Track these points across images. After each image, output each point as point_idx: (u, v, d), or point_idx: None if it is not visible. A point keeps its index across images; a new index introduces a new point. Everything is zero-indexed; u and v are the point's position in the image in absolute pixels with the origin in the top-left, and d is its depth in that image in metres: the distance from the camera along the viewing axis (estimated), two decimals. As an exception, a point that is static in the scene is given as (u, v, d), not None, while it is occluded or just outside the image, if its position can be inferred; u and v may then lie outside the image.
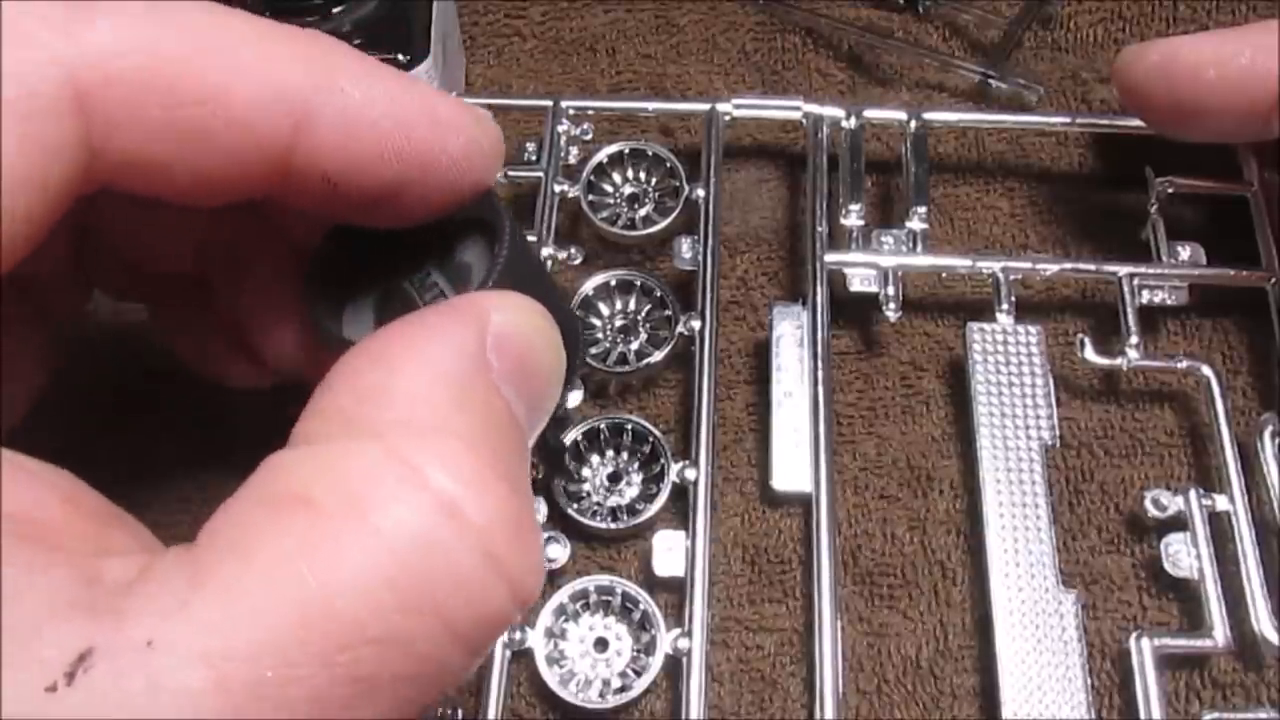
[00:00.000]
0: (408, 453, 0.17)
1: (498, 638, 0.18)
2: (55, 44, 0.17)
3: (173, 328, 0.27)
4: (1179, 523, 0.28)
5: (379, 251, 0.23)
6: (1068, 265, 0.32)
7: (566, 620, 0.28)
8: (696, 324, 0.31)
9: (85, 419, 0.31)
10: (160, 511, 0.29)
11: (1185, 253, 0.32)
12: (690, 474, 0.29)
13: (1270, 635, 0.27)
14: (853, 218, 0.33)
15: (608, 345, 0.32)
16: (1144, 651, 0.27)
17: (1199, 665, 0.28)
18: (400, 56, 0.31)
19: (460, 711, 0.27)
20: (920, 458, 0.31)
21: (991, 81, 0.36)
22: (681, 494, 0.29)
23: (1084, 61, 0.37)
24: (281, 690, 0.15)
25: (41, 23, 0.17)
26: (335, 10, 0.31)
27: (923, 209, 0.32)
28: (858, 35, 0.37)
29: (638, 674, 0.27)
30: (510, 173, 0.33)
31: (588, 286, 0.32)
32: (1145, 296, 0.31)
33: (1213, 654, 0.28)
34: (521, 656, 0.28)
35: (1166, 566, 0.28)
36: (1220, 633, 0.27)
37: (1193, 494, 0.29)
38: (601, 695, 0.27)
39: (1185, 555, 0.28)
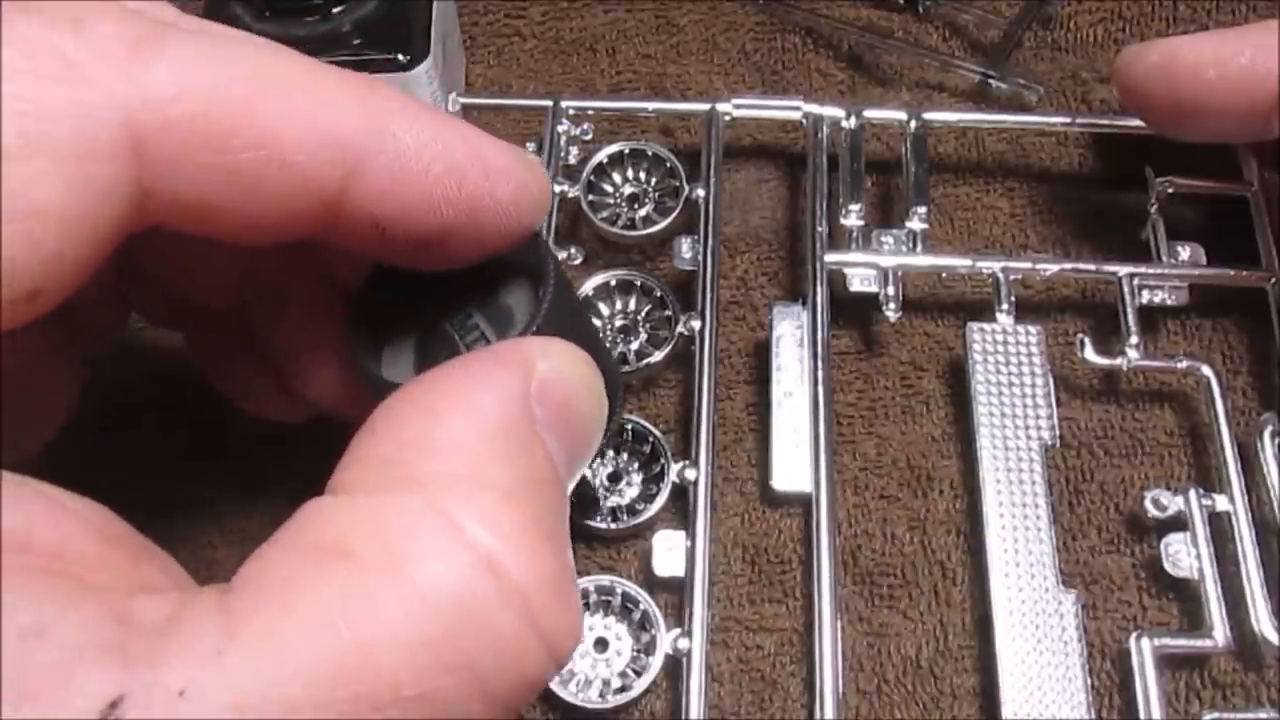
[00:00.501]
0: (448, 506, 0.17)
1: (532, 698, 0.18)
2: (115, 87, 0.17)
3: (211, 358, 0.27)
4: (1179, 523, 0.28)
5: (421, 292, 0.23)
6: (1068, 265, 0.32)
7: None
8: (696, 324, 0.31)
9: (95, 437, 0.31)
10: (169, 533, 0.29)
11: (1185, 253, 0.32)
12: (690, 474, 0.29)
13: (1270, 635, 0.27)
14: (853, 218, 0.33)
15: (608, 345, 0.32)
16: (1144, 651, 0.27)
17: (1199, 665, 0.28)
18: (400, 56, 0.31)
19: None
20: (920, 458, 0.31)
21: (991, 81, 0.36)
22: (681, 494, 0.29)
23: (1084, 61, 0.37)
24: None
25: (103, 64, 0.17)
26: (335, 10, 0.31)
27: (923, 209, 0.32)
28: (858, 35, 0.37)
29: (638, 674, 0.27)
30: None
31: (588, 286, 0.32)
32: (1145, 296, 0.32)
33: (1213, 654, 0.28)
34: None
35: (1166, 566, 0.28)
36: (1220, 633, 0.27)
37: (1193, 494, 0.29)
38: (601, 695, 0.27)
39: (1185, 555, 0.28)
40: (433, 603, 0.16)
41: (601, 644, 0.28)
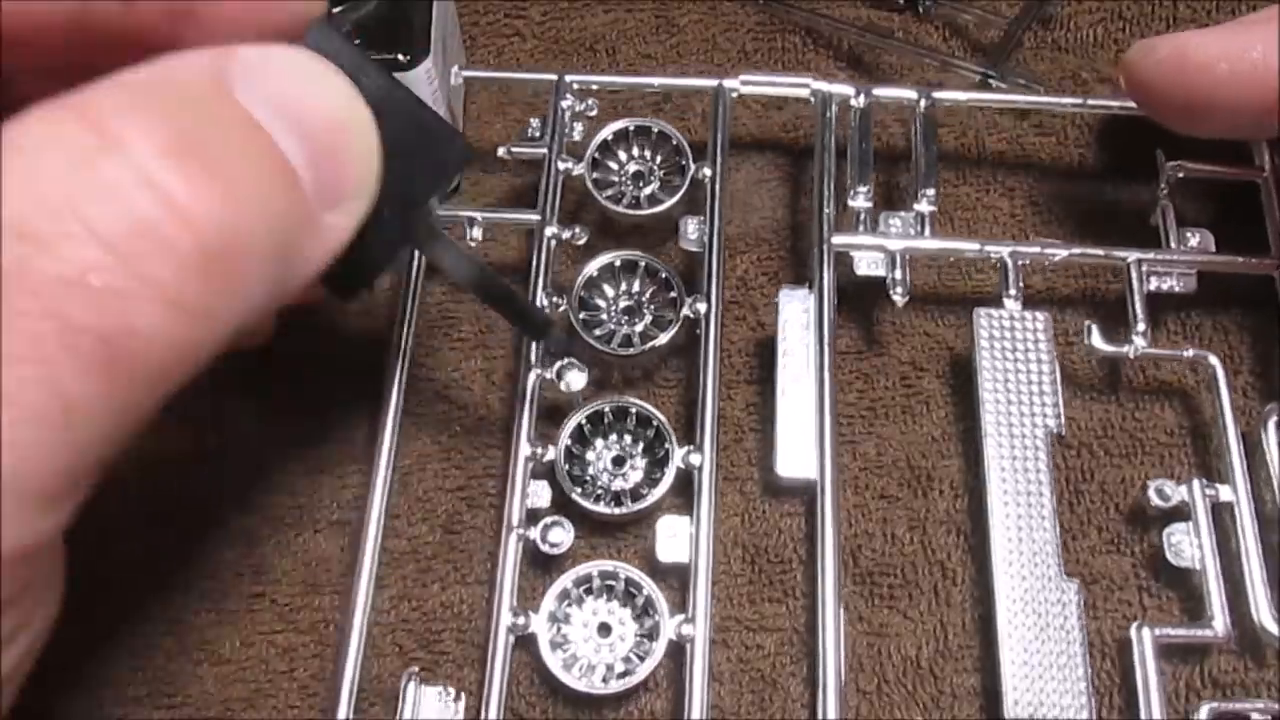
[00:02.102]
0: (73, 100, 0.18)
1: (186, 278, 0.18)
2: None
3: None
4: (1181, 514, 0.29)
5: None
6: (1076, 250, 0.32)
7: (570, 605, 0.29)
8: (702, 306, 0.31)
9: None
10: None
11: (1194, 239, 0.32)
12: (695, 459, 0.29)
13: (1270, 626, 0.27)
14: (860, 199, 0.32)
15: (612, 327, 0.32)
16: (1144, 641, 0.27)
17: (1199, 662, 0.29)
18: (400, 56, 0.32)
19: (463, 695, 0.28)
20: (921, 457, 0.31)
21: (991, 81, 0.36)
22: (686, 480, 0.29)
23: (1084, 61, 0.37)
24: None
25: None
26: (335, 10, 0.32)
27: (931, 191, 0.32)
28: (858, 35, 0.37)
29: (641, 659, 0.28)
30: (514, 149, 0.34)
31: (592, 267, 0.32)
32: (1154, 283, 0.32)
33: (1213, 644, 0.28)
34: (525, 641, 0.28)
35: (1168, 556, 0.28)
36: (1221, 623, 0.27)
37: (1196, 484, 0.29)
38: (604, 680, 0.28)
39: (1188, 545, 0.28)
40: (38, 168, 0.17)
41: (605, 629, 0.28)
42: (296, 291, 0.21)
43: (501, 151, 0.34)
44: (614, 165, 0.34)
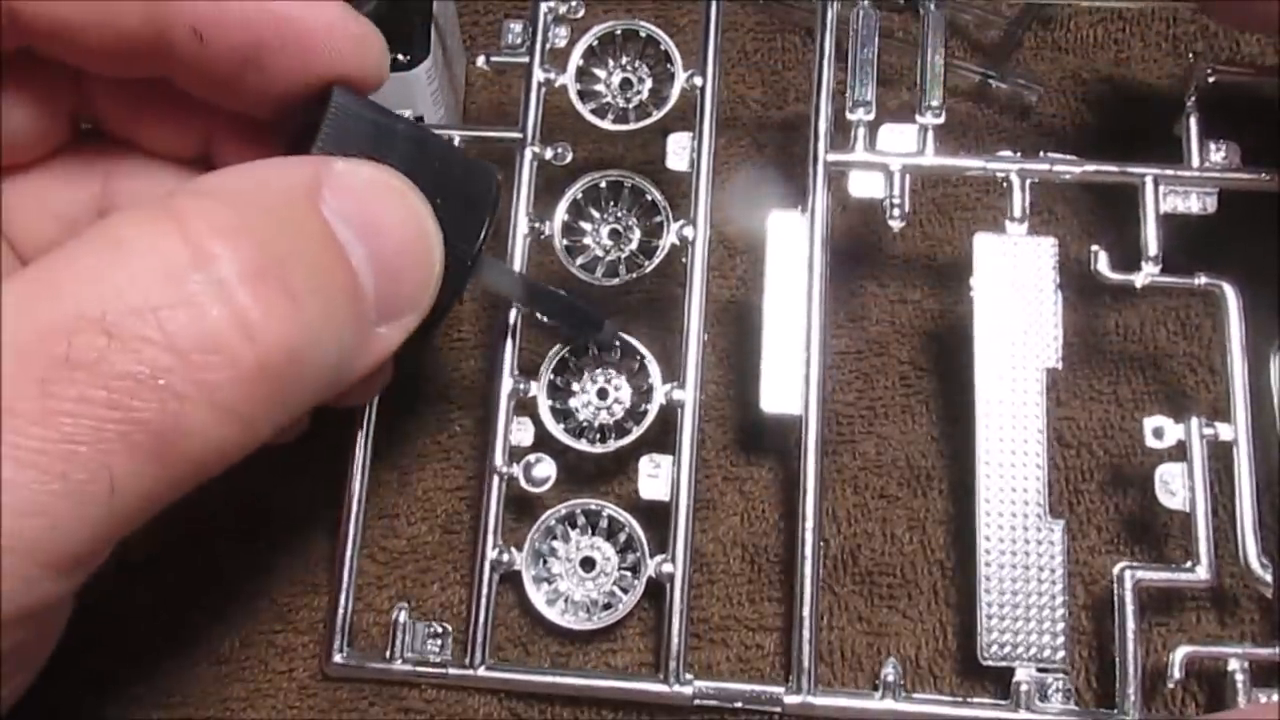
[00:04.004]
0: (179, 210, 0.20)
1: (245, 404, 0.19)
2: None
3: None
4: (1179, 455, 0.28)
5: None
6: (1089, 167, 0.31)
7: (555, 540, 0.29)
8: (689, 232, 0.30)
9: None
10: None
11: (1219, 153, 0.31)
12: (679, 395, 0.29)
13: (1256, 568, 0.27)
14: (860, 113, 0.31)
15: (599, 254, 0.31)
16: (1125, 584, 0.28)
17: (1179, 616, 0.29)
18: (400, 56, 0.32)
19: (449, 628, 0.29)
20: (920, 457, 0.32)
21: (991, 81, 0.36)
22: (670, 418, 0.30)
23: (1084, 61, 0.37)
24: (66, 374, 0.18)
25: None
26: (335, 10, 0.32)
27: (936, 102, 0.31)
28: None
29: (625, 592, 0.29)
30: (494, 58, 0.33)
31: (575, 189, 0.31)
32: (1170, 203, 0.30)
33: (1196, 586, 0.28)
34: (509, 577, 0.29)
35: (1159, 496, 0.28)
36: (1205, 568, 0.28)
37: (1195, 422, 0.29)
38: (588, 613, 0.29)
39: (1180, 486, 0.28)
40: (132, 271, 0.19)
41: (588, 563, 0.29)
42: (338, 394, 0.23)
43: (481, 61, 0.33)
44: (600, 72, 0.32)
